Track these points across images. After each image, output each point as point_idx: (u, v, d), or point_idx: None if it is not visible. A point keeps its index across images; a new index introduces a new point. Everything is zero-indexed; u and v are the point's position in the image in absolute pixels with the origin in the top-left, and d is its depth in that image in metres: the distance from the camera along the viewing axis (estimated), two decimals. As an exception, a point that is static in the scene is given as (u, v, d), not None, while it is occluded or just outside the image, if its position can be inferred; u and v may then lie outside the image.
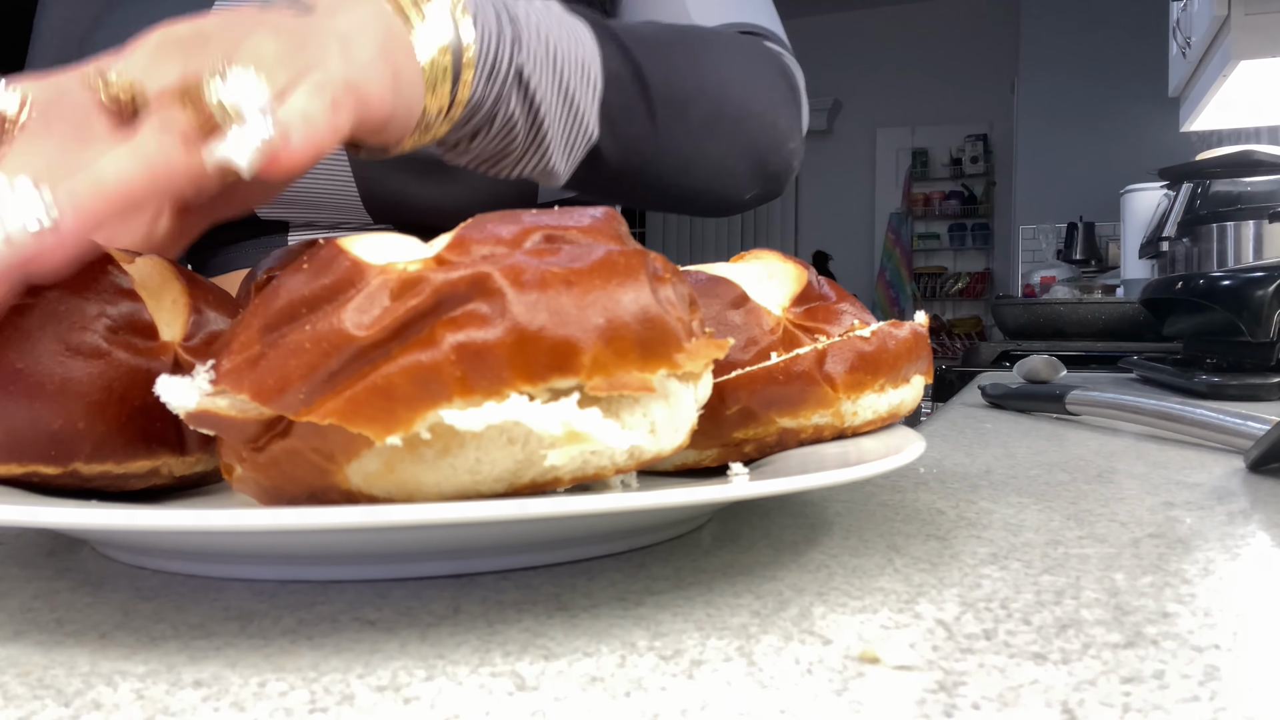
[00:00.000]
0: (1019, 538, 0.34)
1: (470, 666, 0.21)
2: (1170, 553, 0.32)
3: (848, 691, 0.20)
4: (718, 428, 0.38)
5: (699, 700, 0.19)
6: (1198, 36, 1.56)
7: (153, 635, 0.24)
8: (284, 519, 0.22)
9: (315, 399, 0.24)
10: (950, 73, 5.57)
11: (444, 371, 0.24)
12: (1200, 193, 1.39)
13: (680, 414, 0.29)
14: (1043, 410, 0.77)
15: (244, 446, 0.27)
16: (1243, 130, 2.09)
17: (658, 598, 0.26)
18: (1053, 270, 3.10)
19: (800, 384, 0.37)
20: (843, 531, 0.34)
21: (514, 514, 0.22)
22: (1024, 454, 0.55)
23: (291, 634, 0.23)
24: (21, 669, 0.21)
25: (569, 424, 0.24)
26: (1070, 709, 0.19)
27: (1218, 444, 0.56)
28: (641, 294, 0.26)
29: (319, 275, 0.26)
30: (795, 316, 0.42)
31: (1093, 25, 4.26)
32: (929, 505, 0.39)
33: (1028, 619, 0.25)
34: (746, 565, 0.30)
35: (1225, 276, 1.01)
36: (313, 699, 0.20)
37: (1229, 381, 0.92)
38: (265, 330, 0.26)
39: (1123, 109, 4.18)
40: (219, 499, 0.38)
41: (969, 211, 5.68)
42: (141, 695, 0.20)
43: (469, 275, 0.25)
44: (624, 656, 0.22)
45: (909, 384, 0.42)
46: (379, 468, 0.25)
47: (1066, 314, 1.84)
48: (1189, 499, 0.41)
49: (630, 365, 0.26)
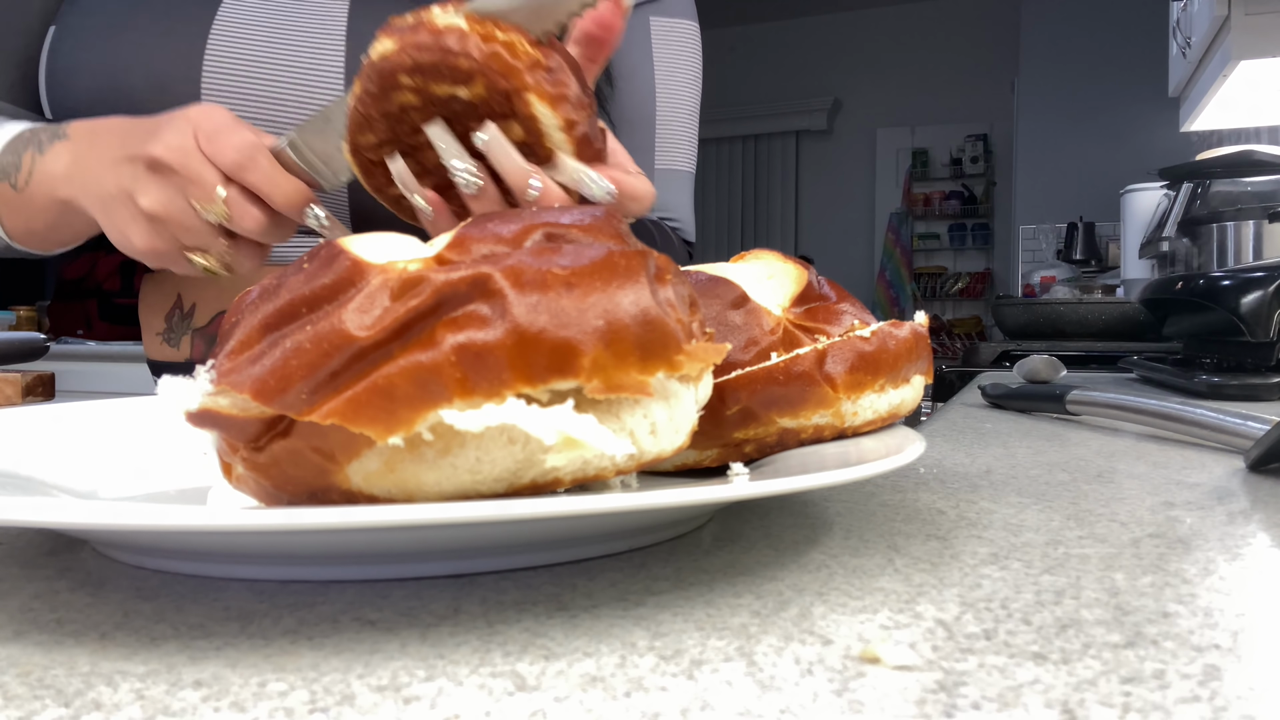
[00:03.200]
0: (1019, 538, 0.34)
1: (470, 666, 0.21)
2: (1170, 553, 0.32)
3: (848, 691, 0.20)
4: (718, 428, 0.38)
5: (699, 700, 0.19)
6: (1198, 36, 1.56)
7: (153, 635, 0.24)
8: (284, 519, 0.22)
9: (317, 399, 0.24)
10: (950, 73, 5.57)
11: (444, 372, 0.24)
12: (1200, 193, 1.39)
13: (680, 415, 0.29)
14: (1043, 410, 0.77)
15: (244, 446, 0.27)
16: (1243, 130, 2.09)
17: (658, 598, 0.26)
18: (1053, 270, 3.11)
19: (800, 384, 0.37)
20: (843, 531, 0.34)
21: (514, 514, 0.22)
22: (1024, 454, 0.55)
23: (291, 634, 0.23)
24: (21, 669, 0.21)
25: (564, 431, 0.24)
26: (1070, 709, 0.19)
27: (1218, 444, 0.56)
28: (641, 295, 0.26)
29: (319, 274, 0.26)
30: (795, 316, 0.42)
31: (1093, 25, 4.26)
32: (929, 505, 0.39)
33: (1028, 619, 0.25)
34: (746, 565, 0.30)
35: (1225, 276, 1.01)
36: (313, 699, 0.20)
37: (1229, 381, 0.92)
38: (266, 330, 0.26)
39: (1123, 109, 4.18)
40: (219, 499, 0.38)
41: (969, 211, 5.68)
42: (141, 695, 0.20)
43: (470, 276, 0.25)
44: (624, 656, 0.22)
45: (909, 384, 0.42)
46: (379, 467, 0.25)
47: (1066, 314, 1.84)
48: (1189, 499, 0.41)
49: (630, 367, 0.26)
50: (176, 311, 0.76)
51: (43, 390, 1.43)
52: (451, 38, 0.44)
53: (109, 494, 0.39)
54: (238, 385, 0.25)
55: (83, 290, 3.82)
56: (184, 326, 0.76)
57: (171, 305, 0.76)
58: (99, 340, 3.01)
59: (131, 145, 0.57)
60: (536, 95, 0.45)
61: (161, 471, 0.41)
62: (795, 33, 5.90)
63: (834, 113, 5.91)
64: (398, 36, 0.45)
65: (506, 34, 0.45)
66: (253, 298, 0.28)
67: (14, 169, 0.64)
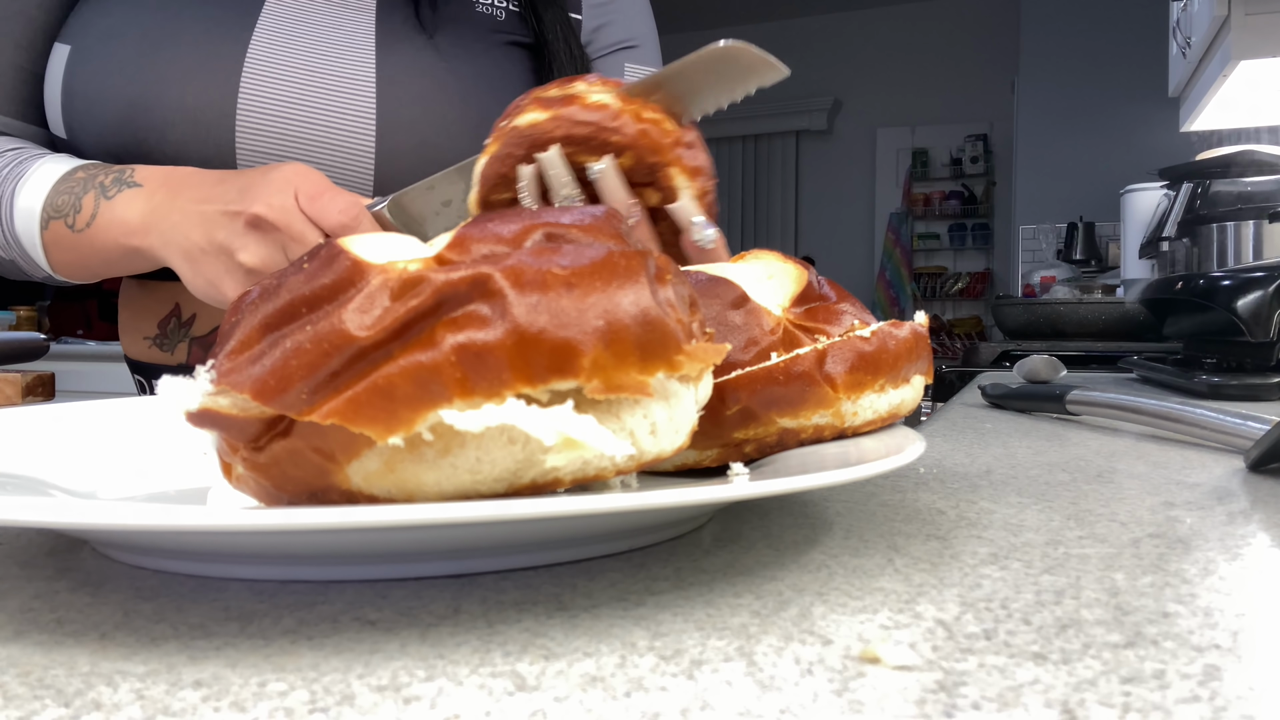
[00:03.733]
0: (1019, 538, 0.34)
1: (470, 666, 0.21)
2: (1170, 553, 0.32)
3: (848, 691, 0.20)
4: (718, 428, 0.38)
5: (699, 700, 0.19)
6: (1198, 36, 1.56)
7: (153, 635, 0.24)
8: (284, 519, 0.22)
9: (317, 399, 0.24)
10: (950, 73, 5.57)
11: (444, 372, 0.24)
12: (1200, 193, 1.38)
13: (680, 415, 0.29)
14: (1043, 410, 0.77)
15: (244, 446, 0.27)
16: (1243, 130, 2.09)
17: (658, 598, 0.26)
18: (1053, 270, 3.11)
19: (800, 384, 0.37)
20: (843, 531, 0.34)
21: (514, 514, 0.22)
22: (1024, 454, 0.55)
23: (291, 634, 0.23)
24: (21, 669, 0.21)
25: (563, 432, 0.24)
26: (1070, 709, 0.19)
27: (1218, 444, 0.56)
28: (641, 296, 0.26)
29: (319, 274, 0.26)
30: (795, 317, 0.42)
31: (1093, 25, 4.26)
32: (929, 505, 0.39)
33: (1028, 619, 0.25)
34: (746, 565, 0.30)
35: (1225, 276, 1.01)
36: (313, 699, 0.20)
37: (1229, 381, 0.92)
38: (266, 329, 0.26)
39: (1123, 109, 4.18)
40: (219, 499, 0.38)
41: (969, 211, 5.68)
42: (141, 695, 0.20)
43: (470, 276, 0.25)
44: (624, 656, 0.22)
45: (909, 384, 0.42)
46: (379, 467, 0.25)
47: (1066, 314, 1.84)
48: (1189, 499, 0.41)
49: (629, 368, 0.26)
50: (173, 319, 0.76)
51: (43, 390, 1.43)
52: (605, 115, 0.50)
53: (109, 494, 0.39)
54: (238, 385, 0.25)
55: (83, 290, 3.83)
56: (181, 334, 0.76)
57: (168, 312, 0.76)
58: (99, 340, 3.01)
59: (225, 201, 0.59)
60: (679, 169, 0.52)
61: (161, 471, 0.41)
62: (795, 33, 5.90)
63: (834, 113, 5.90)
64: (549, 108, 0.50)
65: (654, 112, 0.51)
66: (253, 297, 0.28)
67: (72, 210, 0.65)
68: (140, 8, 0.70)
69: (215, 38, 0.68)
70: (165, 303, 0.76)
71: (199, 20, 0.69)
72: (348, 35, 0.71)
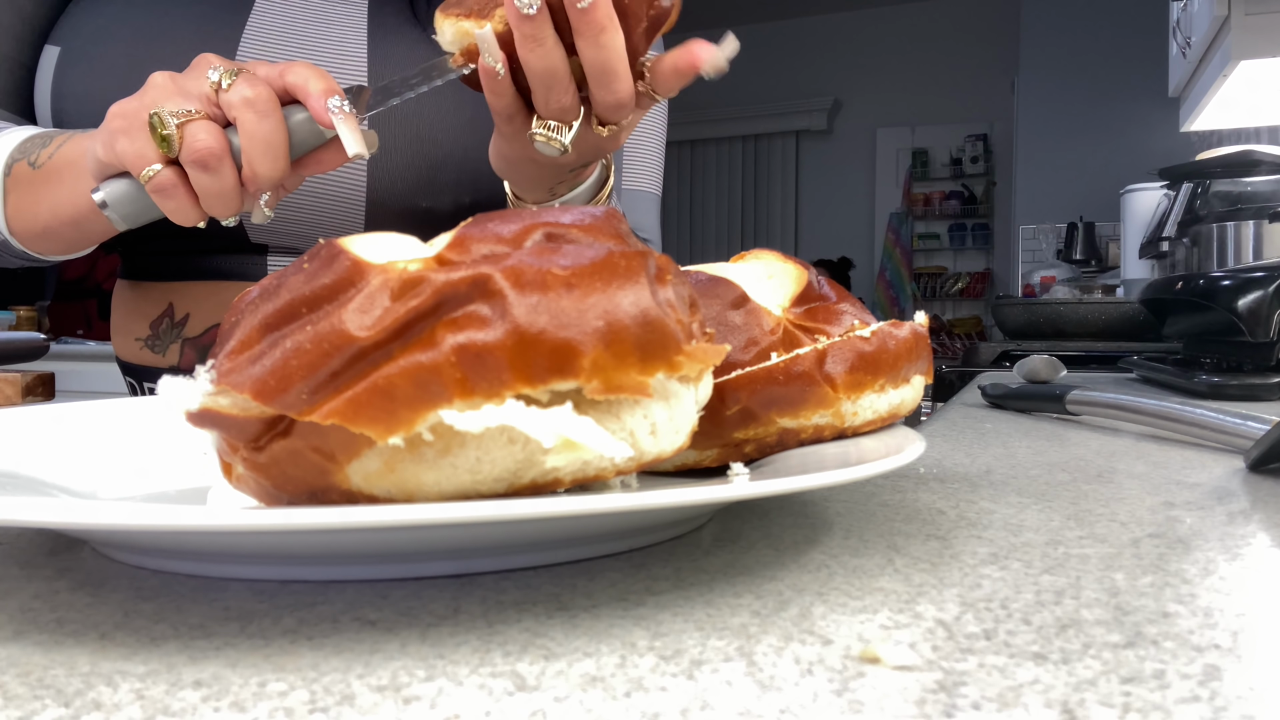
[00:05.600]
0: (1019, 538, 0.34)
1: (470, 666, 0.21)
2: (1170, 553, 0.32)
3: (848, 691, 0.20)
4: (718, 428, 0.38)
5: (699, 700, 0.19)
6: (1198, 36, 1.56)
7: (153, 635, 0.24)
8: (284, 519, 0.22)
9: (317, 399, 0.24)
10: (950, 73, 5.57)
11: (444, 373, 0.24)
12: (1200, 193, 1.39)
13: (680, 415, 0.29)
14: (1043, 410, 0.77)
15: (244, 446, 0.27)
16: (1243, 130, 2.09)
17: (658, 598, 0.26)
18: (1053, 270, 3.10)
19: (800, 384, 0.37)
20: (843, 531, 0.34)
21: (514, 514, 0.22)
22: (1024, 454, 0.55)
23: (291, 634, 0.23)
24: (21, 669, 0.21)
25: (562, 434, 0.24)
26: (1070, 709, 0.19)
27: (1218, 444, 0.56)
28: (641, 296, 0.26)
29: (319, 274, 0.26)
30: (795, 317, 0.42)
31: (1093, 25, 4.26)
32: (929, 505, 0.39)
33: (1028, 619, 0.25)
34: (746, 565, 0.30)
35: (1225, 276, 1.01)
36: (313, 699, 0.20)
37: (1229, 381, 0.92)
38: (266, 329, 0.26)
39: (1123, 109, 4.18)
40: (219, 499, 0.38)
41: (969, 211, 5.68)
42: (141, 695, 0.20)
43: (470, 276, 0.25)
44: (624, 656, 0.22)
45: (909, 384, 0.42)
46: (379, 467, 0.25)
47: (1066, 314, 1.84)
48: (1189, 499, 0.41)
49: (629, 368, 0.26)
50: (166, 319, 0.76)
51: (43, 390, 1.43)
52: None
53: (109, 494, 0.39)
54: (238, 385, 0.25)
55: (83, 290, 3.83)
56: (173, 335, 0.75)
57: (161, 313, 0.76)
58: (99, 340, 3.01)
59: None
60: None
61: (161, 471, 0.41)
62: (795, 33, 5.90)
63: (834, 113, 5.91)
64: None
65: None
66: (252, 297, 0.28)
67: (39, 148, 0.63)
68: (131, 6, 0.69)
69: (206, 35, 0.68)
70: (158, 303, 0.76)
71: (190, 18, 0.69)
72: (340, 29, 0.71)
